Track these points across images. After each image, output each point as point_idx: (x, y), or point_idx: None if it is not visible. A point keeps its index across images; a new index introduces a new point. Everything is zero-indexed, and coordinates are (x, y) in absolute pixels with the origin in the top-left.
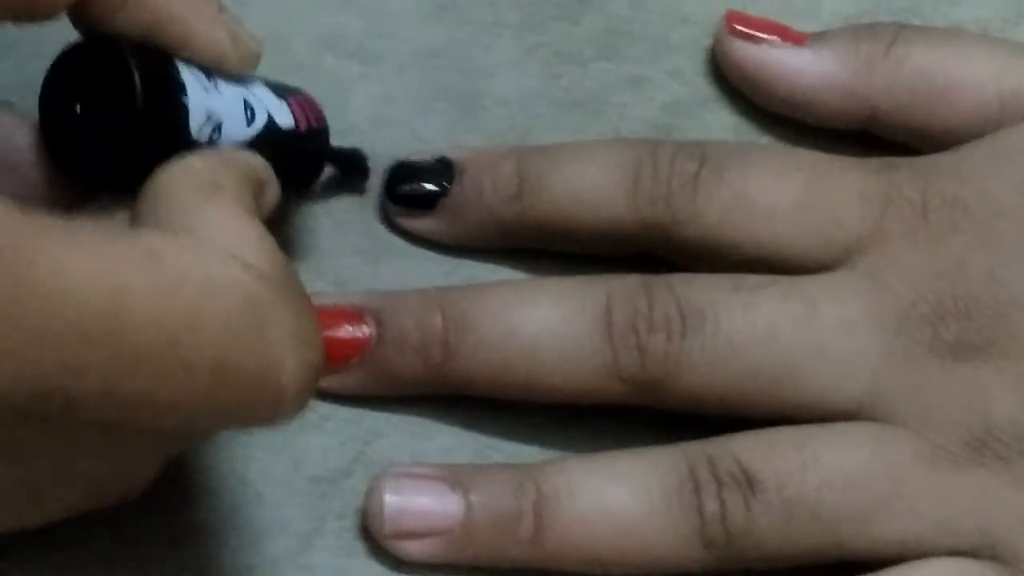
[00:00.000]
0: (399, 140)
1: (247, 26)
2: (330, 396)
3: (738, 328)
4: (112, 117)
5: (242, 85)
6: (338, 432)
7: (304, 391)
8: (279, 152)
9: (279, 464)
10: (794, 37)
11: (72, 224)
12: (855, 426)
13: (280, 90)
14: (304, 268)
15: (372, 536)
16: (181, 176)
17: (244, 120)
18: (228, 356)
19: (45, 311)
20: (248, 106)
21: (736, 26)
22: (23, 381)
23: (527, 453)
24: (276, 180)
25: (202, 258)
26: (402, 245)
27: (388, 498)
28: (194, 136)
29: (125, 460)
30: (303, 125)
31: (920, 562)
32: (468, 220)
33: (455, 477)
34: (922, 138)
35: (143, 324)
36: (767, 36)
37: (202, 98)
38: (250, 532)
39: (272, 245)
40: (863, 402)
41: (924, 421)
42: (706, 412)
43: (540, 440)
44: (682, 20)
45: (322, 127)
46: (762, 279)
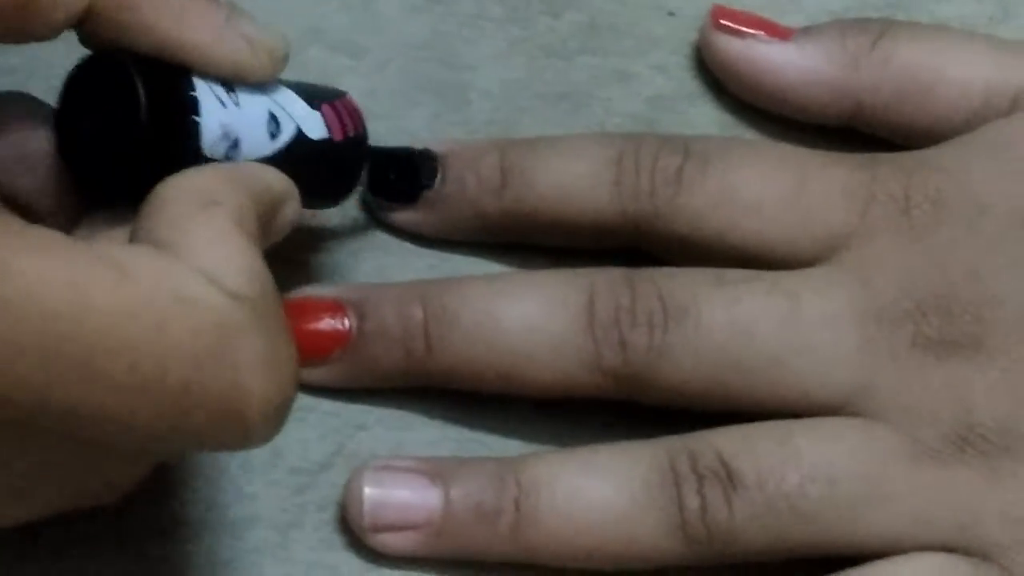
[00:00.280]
0: (384, 133)
1: None
2: (311, 388)
3: (720, 322)
4: (118, 135)
5: (268, 95)
6: (319, 424)
7: (273, 419)
8: (307, 165)
9: (259, 456)
10: (779, 32)
11: (44, 236)
12: (837, 421)
13: (316, 96)
14: (286, 261)
15: (351, 529)
16: (177, 192)
17: (266, 134)
18: (192, 377)
19: (8, 321)
20: (273, 118)
21: (721, 21)
22: None
23: (509, 446)
24: (296, 197)
25: (174, 276)
26: (385, 238)
27: (368, 491)
28: (207, 153)
29: (102, 466)
30: (338, 134)
31: (901, 557)
32: (451, 213)
33: (435, 470)
34: (907, 134)
35: (103, 339)
36: (752, 31)
37: (217, 114)
38: (229, 524)
39: (259, 268)
40: (845, 397)
41: (906, 417)
42: (688, 406)
43: (522, 433)
44: (667, 14)
45: (361, 134)
46: (745, 274)
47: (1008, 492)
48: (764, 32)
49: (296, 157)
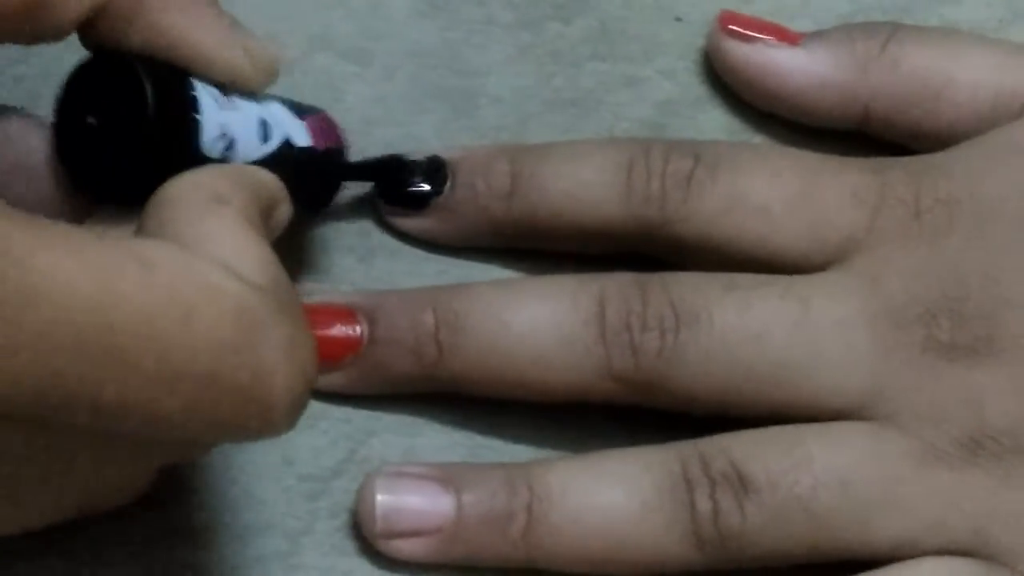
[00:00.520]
0: (392, 140)
1: None
2: (322, 395)
3: (731, 328)
4: (124, 131)
5: (259, 103)
6: (330, 431)
7: (295, 407)
8: (294, 171)
9: (270, 462)
10: (788, 37)
11: (67, 230)
12: (848, 426)
13: (299, 110)
14: (297, 267)
15: (363, 535)
16: (186, 189)
17: (259, 137)
18: (218, 367)
19: (36, 315)
20: (264, 124)
21: (730, 26)
22: (12, 385)
23: (520, 452)
24: (288, 199)
25: (196, 268)
26: (395, 244)
27: (380, 497)
28: (206, 152)
29: (115, 469)
30: (320, 145)
31: (913, 561)
32: (461, 219)
33: (447, 476)
34: (916, 138)
35: (134, 331)
36: (761, 36)
37: (216, 114)
38: (240, 531)
39: (272, 260)
40: (856, 402)
41: (918, 421)
42: (699, 411)
43: (533, 439)
44: (675, 20)
45: (340, 147)
46: (756, 279)
47: (1020, 495)
48: (772, 37)
49: (284, 162)
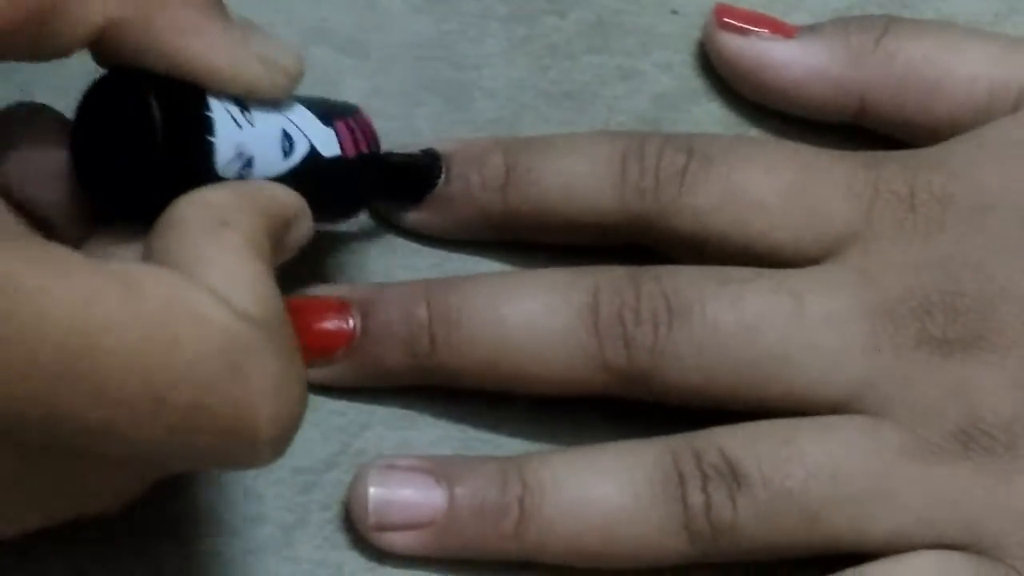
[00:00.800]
0: (388, 133)
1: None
2: (316, 388)
3: (725, 321)
4: (133, 155)
5: (282, 112)
6: (323, 423)
7: (281, 441)
8: (321, 182)
9: None
10: (783, 29)
11: (55, 252)
12: (841, 419)
13: (329, 114)
14: (290, 261)
15: (356, 528)
16: (191, 211)
17: (280, 152)
18: (201, 398)
19: (22, 337)
20: (287, 136)
21: (725, 19)
22: None
23: (513, 445)
24: (308, 214)
25: (186, 296)
26: (389, 237)
27: (372, 490)
28: (220, 173)
29: (105, 479)
30: (350, 151)
31: (906, 555)
32: (455, 212)
33: (440, 469)
34: (911, 131)
35: (117, 357)
36: (756, 28)
37: (232, 133)
38: (234, 523)
39: (269, 289)
40: (850, 395)
41: (911, 414)
42: (692, 404)
43: (526, 432)
44: (671, 13)
45: (374, 151)
46: (749, 272)
47: (1013, 490)
48: (768, 30)
49: (308, 174)
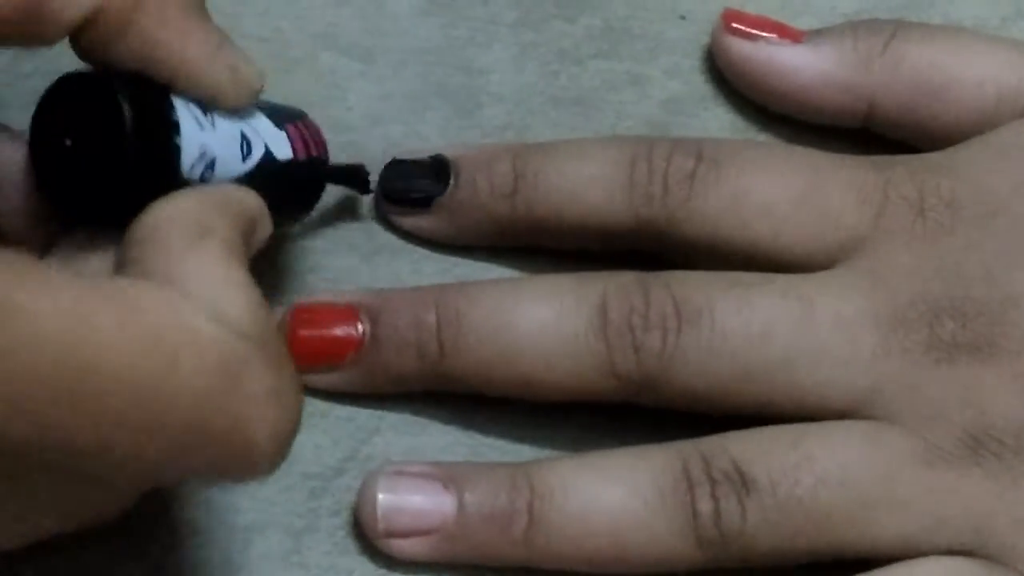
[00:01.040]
0: (396, 138)
1: (246, 25)
2: (324, 394)
3: (734, 326)
4: (102, 155)
5: (240, 118)
6: (332, 430)
7: (278, 454)
8: (276, 184)
9: None
10: (791, 34)
11: (44, 270)
12: (850, 425)
13: (280, 118)
14: (299, 266)
15: (365, 534)
16: (169, 219)
17: (240, 155)
18: (199, 415)
19: (15, 358)
20: (245, 139)
21: (733, 24)
22: None
23: (521, 451)
24: (268, 216)
25: (179, 312)
26: (397, 243)
27: (381, 496)
28: (186, 175)
29: (102, 491)
30: (302, 154)
31: (914, 561)
32: (464, 218)
33: (448, 475)
34: (919, 135)
35: (112, 376)
36: (764, 33)
37: (196, 135)
38: (242, 529)
39: (257, 298)
40: (858, 401)
41: (919, 420)
42: (701, 410)
43: (534, 438)
44: (680, 18)
45: (322, 154)
46: (758, 277)
47: (1022, 495)
48: (776, 35)
49: (265, 177)
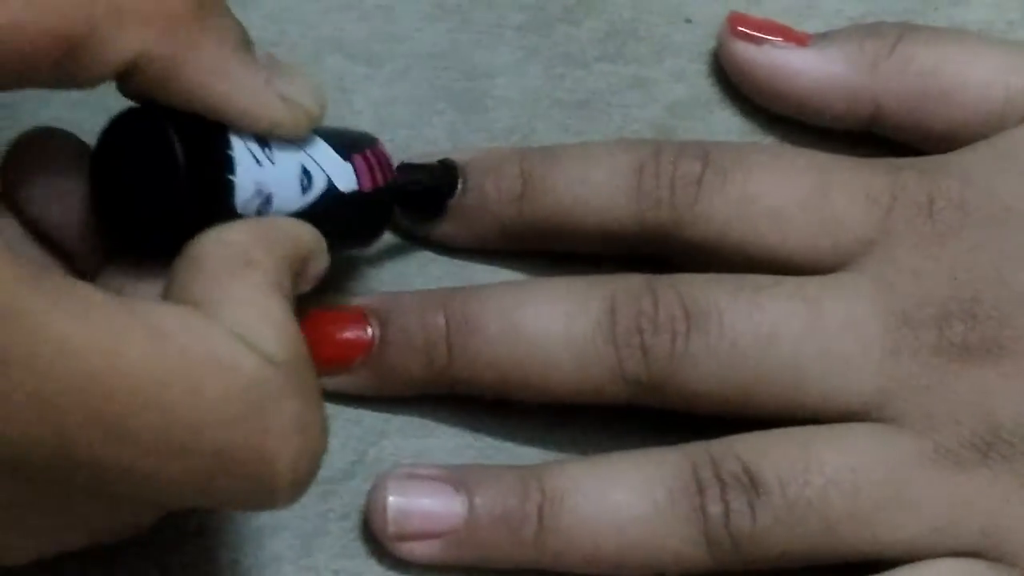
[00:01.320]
0: (403, 142)
1: (253, 29)
2: (333, 397)
3: (743, 329)
4: (154, 192)
5: (302, 149)
6: (341, 432)
7: (299, 485)
8: (338, 215)
9: None
10: (797, 38)
11: (78, 290)
12: (859, 427)
13: (347, 147)
14: None
15: (374, 537)
16: (214, 249)
17: (298, 189)
18: (223, 442)
19: (43, 379)
20: (305, 172)
21: (739, 27)
22: (9, 446)
23: (530, 454)
24: (324, 249)
25: (209, 339)
26: (406, 247)
27: (391, 499)
28: (240, 211)
29: (124, 512)
30: (367, 185)
31: (924, 563)
32: (471, 222)
33: (458, 478)
34: (926, 138)
35: (138, 400)
36: (769, 37)
37: (252, 171)
38: (252, 532)
39: (293, 330)
40: (867, 403)
41: (928, 422)
42: (710, 413)
43: (543, 441)
44: (685, 21)
45: (390, 182)
46: (767, 280)
47: None
48: (781, 38)
49: (326, 210)
